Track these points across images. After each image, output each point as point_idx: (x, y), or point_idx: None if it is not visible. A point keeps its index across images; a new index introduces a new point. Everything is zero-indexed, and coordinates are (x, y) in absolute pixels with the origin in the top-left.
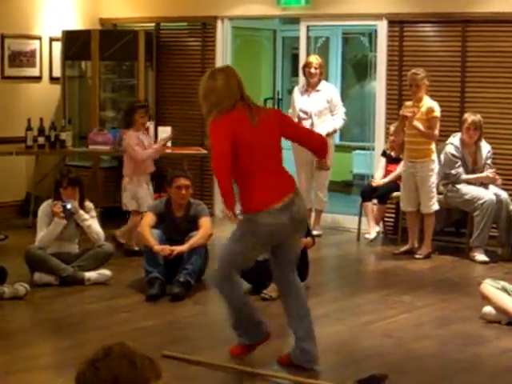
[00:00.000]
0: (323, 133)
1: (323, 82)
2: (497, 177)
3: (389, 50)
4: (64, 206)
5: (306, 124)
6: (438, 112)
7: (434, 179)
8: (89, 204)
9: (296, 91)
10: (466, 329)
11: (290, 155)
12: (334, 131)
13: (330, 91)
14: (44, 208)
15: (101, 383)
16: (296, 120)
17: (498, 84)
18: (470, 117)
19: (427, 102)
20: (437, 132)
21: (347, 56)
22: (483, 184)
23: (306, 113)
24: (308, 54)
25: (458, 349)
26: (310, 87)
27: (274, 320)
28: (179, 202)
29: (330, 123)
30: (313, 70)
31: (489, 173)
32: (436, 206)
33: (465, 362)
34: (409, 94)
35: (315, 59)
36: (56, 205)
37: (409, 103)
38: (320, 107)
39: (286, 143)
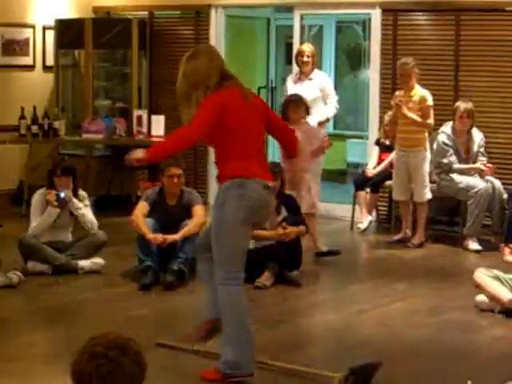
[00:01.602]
0: (315, 121)
1: (316, 71)
2: (488, 167)
3: (382, 38)
4: (58, 195)
5: None
6: (430, 101)
7: (426, 168)
8: (82, 193)
9: (289, 80)
10: (460, 317)
11: None
12: (327, 120)
13: (322, 80)
14: (37, 197)
15: (120, 377)
16: None
17: (491, 73)
18: (462, 104)
19: (419, 91)
20: (432, 121)
21: (341, 45)
22: (479, 174)
23: None
24: (301, 43)
25: (452, 337)
26: (303, 76)
27: (268, 309)
28: (171, 191)
29: (322, 112)
30: (305, 59)
31: (481, 165)
32: (429, 195)
33: (458, 350)
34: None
35: (307, 47)
36: (50, 193)
37: (400, 93)
38: (313, 95)
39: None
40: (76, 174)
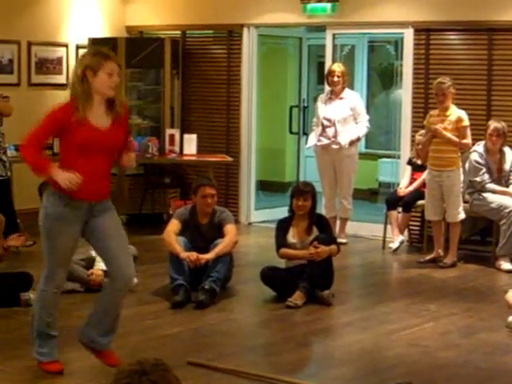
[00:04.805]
0: (346, 141)
1: (347, 90)
2: None
3: (415, 58)
4: None
5: (330, 132)
6: (467, 121)
7: (460, 188)
8: None
9: (319, 99)
10: (492, 338)
11: (313, 162)
12: (358, 139)
13: (353, 99)
14: None
15: None
16: (320, 128)
17: None
18: (492, 123)
19: (455, 112)
20: (469, 140)
21: (373, 64)
22: None
23: (329, 120)
24: (333, 62)
25: (484, 358)
26: (334, 95)
27: (299, 328)
28: (204, 211)
29: (353, 131)
30: (336, 79)
31: None
32: (462, 215)
33: (490, 371)
34: (435, 102)
35: (338, 67)
36: None
37: (434, 112)
38: (344, 115)
39: (308, 152)
40: None
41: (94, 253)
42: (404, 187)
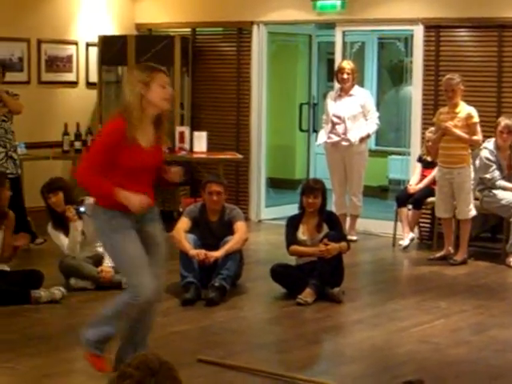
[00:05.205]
0: (356, 138)
1: (356, 87)
2: None
3: (425, 55)
4: (77, 209)
5: (339, 129)
6: (477, 117)
7: (470, 185)
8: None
9: (329, 97)
10: (503, 335)
11: (323, 159)
12: (368, 136)
13: (363, 96)
14: (50, 230)
15: None
16: (330, 125)
17: None
18: (503, 120)
19: (465, 109)
20: (480, 137)
21: (383, 61)
22: None
23: (339, 117)
24: (343, 59)
25: (495, 355)
26: (343, 92)
27: (309, 326)
28: (212, 208)
29: (363, 128)
30: (345, 76)
31: None
32: (473, 212)
33: (501, 368)
34: (444, 99)
35: (347, 64)
36: (69, 209)
37: (444, 109)
38: (353, 112)
39: (318, 149)
40: (67, 188)
41: (101, 249)
42: (414, 184)
